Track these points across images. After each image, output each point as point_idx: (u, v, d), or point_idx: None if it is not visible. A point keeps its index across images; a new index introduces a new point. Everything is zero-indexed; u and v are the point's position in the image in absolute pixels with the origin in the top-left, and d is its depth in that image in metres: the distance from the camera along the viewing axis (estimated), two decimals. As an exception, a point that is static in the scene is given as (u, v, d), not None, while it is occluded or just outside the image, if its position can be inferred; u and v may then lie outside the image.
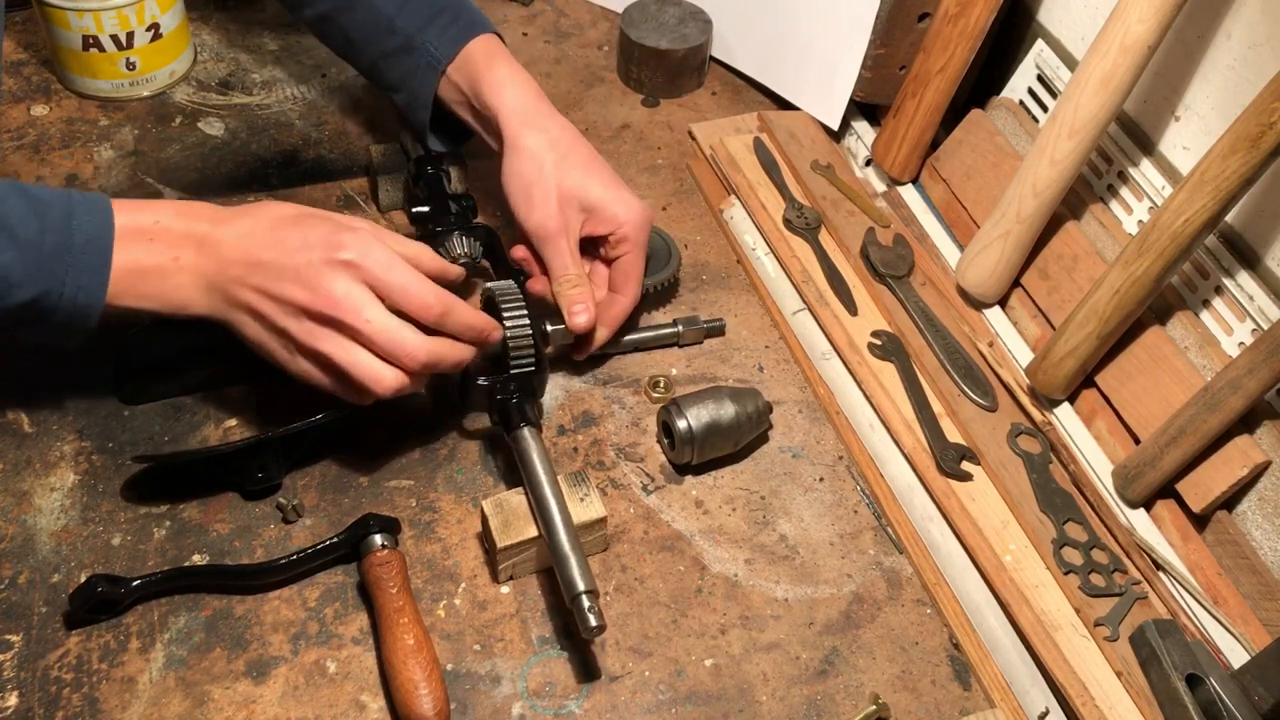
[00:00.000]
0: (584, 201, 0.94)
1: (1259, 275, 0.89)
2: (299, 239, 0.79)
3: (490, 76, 0.95)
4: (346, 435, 0.91)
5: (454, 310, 0.82)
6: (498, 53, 0.97)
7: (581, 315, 0.93)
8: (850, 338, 1.00)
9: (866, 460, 0.95)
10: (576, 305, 0.93)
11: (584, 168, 0.94)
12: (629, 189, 0.96)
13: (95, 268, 0.76)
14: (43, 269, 0.74)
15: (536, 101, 0.96)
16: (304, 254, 0.78)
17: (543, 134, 0.93)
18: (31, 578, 0.81)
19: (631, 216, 0.94)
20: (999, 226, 0.99)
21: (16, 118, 1.13)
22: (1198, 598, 0.85)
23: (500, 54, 0.97)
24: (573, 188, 0.93)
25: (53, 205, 0.75)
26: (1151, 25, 0.87)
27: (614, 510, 0.90)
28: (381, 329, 0.78)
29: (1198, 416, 0.84)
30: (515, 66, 0.97)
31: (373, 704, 0.78)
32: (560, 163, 0.93)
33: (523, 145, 0.93)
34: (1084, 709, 0.78)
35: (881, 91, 1.16)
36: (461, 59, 0.96)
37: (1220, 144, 0.81)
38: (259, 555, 0.84)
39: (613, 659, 0.82)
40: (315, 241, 0.78)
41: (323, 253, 0.78)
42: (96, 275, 0.76)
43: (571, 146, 0.94)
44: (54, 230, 0.74)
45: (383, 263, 0.79)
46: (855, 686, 0.82)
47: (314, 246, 0.78)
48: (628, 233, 0.94)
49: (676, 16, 1.25)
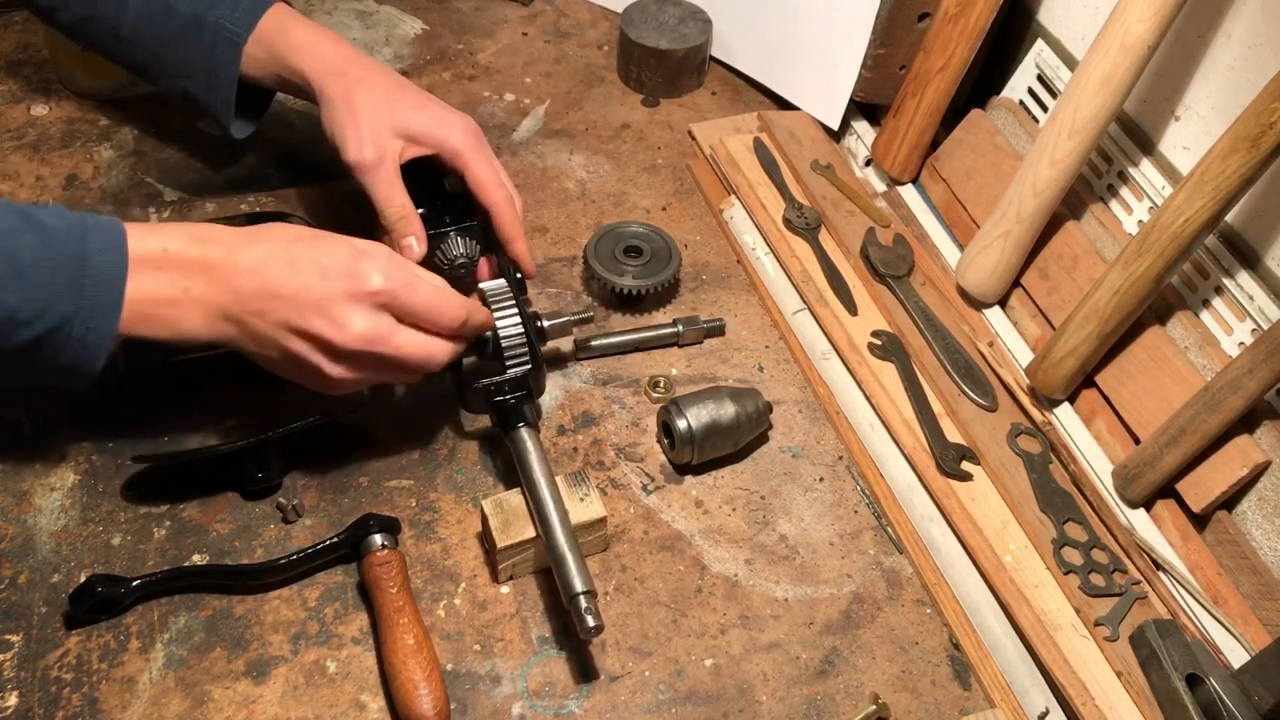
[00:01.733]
0: (397, 128, 0.92)
1: (1259, 275, 0.89)
2: (316, 269, 0.77)
3: (291, 42, 0.93)
4: (346, 435, 0.91)
5: (472, 315, 0.84)
6: (289, 18, 0.95)
7: (415, 244, 0.91)
8: (850, 338, 1.00)
9: (866, 460, 0.95)
10: (405, 239, 0.91)
11: (389, 96, 0.93)
12: (443, 105, 0.95)
13: (106, 310, 0.73)
14: (52, 308, 0.71)
15: (335, 51, 0.94)
16: (324, 285, 0.77)
17: (343, 78, 0.92)
18: (31, 578, 0.81)
19: (451, 129, 0.93)
20: (999, 226, 0.99)
21: (16, 118, 1.13)
22: (1198, 598, 0.85)
23: (292, 18, 0.95)
24: (383, 118, 0.92)
25: (66, 238, 0.72)
26: (1151, 25, 0.87)
27: (614, 510, 0.90)
28: (410, 351, 0.80)
29: (1198, 416, 0.84)
30: (310, 26, 0.95)
31: (373, 704, 0.78)
32: (365, 97, 0.92)
33: (327, 94, 0.92)
34: (1084, 709, 0.78)
35: (881, 91, 1.16)
36: (259, 30, 0.94)
37: (1220, 144, 0.81)
38: (259, 555, 0.84)
39: (613, 659, 0.82)
40: (334, 270, 0.77)
41: (344, 284, 0.77)
42: (108, 317, 0.73)
43: (374, 82, 0.93)
44: (65, 268, 0.71)
45: (406, 283, 0.79)
46: (855, 686, 0.82)
47: (333, 276, 0.77)
48: (456, 145, 0.93)
49: (676, 16, 1.25)
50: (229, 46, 0.94)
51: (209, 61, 0.94)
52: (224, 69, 0.94)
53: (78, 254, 0.72)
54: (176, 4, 0.93)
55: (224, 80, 0.95)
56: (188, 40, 0.94)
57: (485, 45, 1.29)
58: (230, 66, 0.94)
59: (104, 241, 0.73)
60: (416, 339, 0.80)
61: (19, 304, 0.70)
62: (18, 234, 0.71)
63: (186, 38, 0.94)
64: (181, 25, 0.93)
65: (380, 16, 1.30)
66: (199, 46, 0.94)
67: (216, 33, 0.93)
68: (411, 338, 0.80)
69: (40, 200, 1.05)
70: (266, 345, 0.78)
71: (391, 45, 1.27)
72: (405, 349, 0.80)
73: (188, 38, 0.94)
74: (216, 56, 0.94)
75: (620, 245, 1.04)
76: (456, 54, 1.28)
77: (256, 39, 0.94)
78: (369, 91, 0.92)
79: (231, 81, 0.95)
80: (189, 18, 0.93)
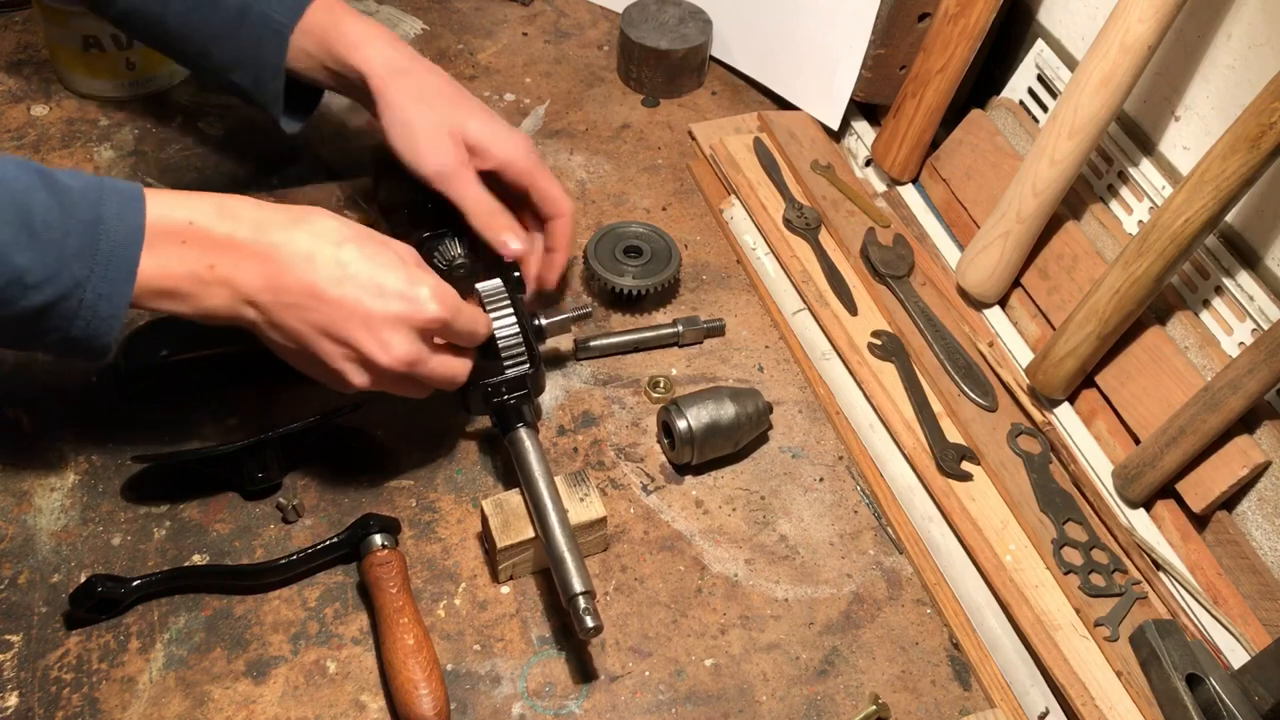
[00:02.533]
0: (466, 138, 0.92)
1: (1259, 275, 0.89)
2: (372, 284, 0.76)
3: (344, 35, 0.92)
4: (347, 435, 0.91)
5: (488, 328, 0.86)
6: (340, 8, 0.94)
7: (513, 240, 0.92)
8: (850, 338, 1.00)
9: (866, 460, 0.95)
10: (504, 234, 0.91)
11: (454, 103, 0.92)
12: (504, 121, 0.95)
13: (119, 279, 0.70)
14: (64, 272, 0.69)
15: (394, 49, 0.93)
16: (377, 304, 0.76)
17: (411, 78, 0.91)
18: (31, 578, 0.81)
19: (517, 146, 0.93)
20: (999, 226, 0.99)
21: (16, 118, 1.13)
22: (1198, 598, 0.85)
23: (341, 9, 0.94)
24: (452, 124, 0.91)
25: (81, 200, 0.70)
26: (1151, 25, 0.87)
27: (614, 510, 0.90)
28: (441, 373, 0.81)
29: (1198, 416, 0.84)
30: (364, 20, 0.94)
31: (373, 704, 0.78)
32: (433, 101, 0.91)
33: (395, 96, 0.91)
34: (1084, 709, 0.78)
35: (881, 91, 1.16)
36: (307, 22, 0.92)
37: (1220, 144, 0.81)
38: (259, 555, 0.84)
39: (613, 659, 0.82)
40: (391, 291, 0.76)
41: (399, 306, 0.76)
42: (120, 287, 0.70)
43: (439, 86, 0.93)
44: (79, 231, 0.69)
45: (456, 311, 0.80)
46: (855, 686, 0.82)
47: (389, 297, 0.76)
48: (521, 163, 0.93)
49: (676, 16, 1.25)
50: (274, 37, 0.92)
51: (255, 53, 0.93)
52: (270, 60, 0.93)
53: (92, 218, 0.70)
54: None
55: (270, 72, 0.93)
56: (234, 31, 0.92)
57: (485, 45, 1.29)
58: (276, 58, 0.93)
59: (121, 207, 0.71)
60: (448, 362, 0.82)
61: (29, 265, 0.67)
62: (33, 192, 0.68)
63: (233, 29, 0.92)
64: (227, 16, 0.92)
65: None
66: (245, 38, 0.92)
67: (263, 23, 0.92)
68: (444, 361, 0.81)
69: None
70: (292, 339, 0.77)
71: (391, 45, 1.27)
72: (438, 371, 0.81)
73: (234, 29, 0.92)
74: (262, 47, 0.93)
75: (620, 245, 1.04)
76: (456, 54, 1.28)
77: (303, 30, 0.92)
78: (436, 95, 0.92)
79: (277, 73, 0.93)
80: (234, 8, 0.91)
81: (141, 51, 1.13)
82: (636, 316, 1.04)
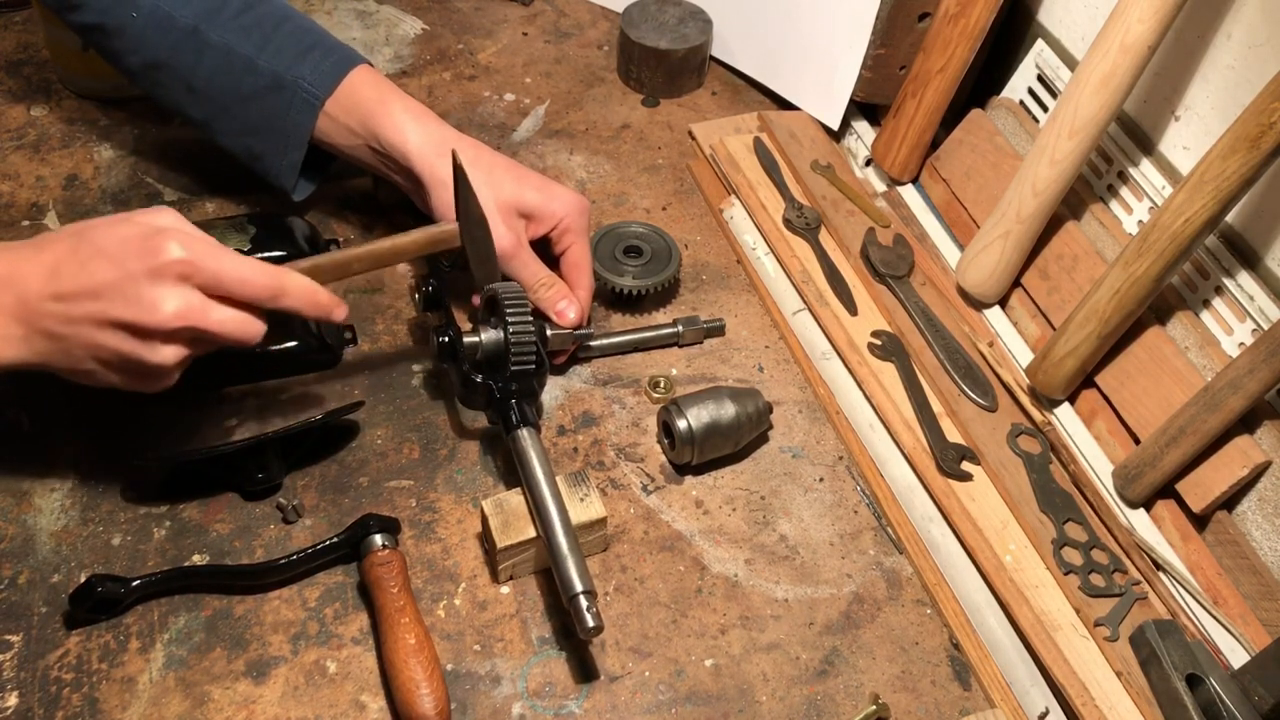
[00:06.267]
0: (522, 209, 0.95)
1: (1259, 275, 0.89)
2: (106, 255, 0.71)
3: (388, 117, 0.93)
4: (346, 435, 0.91)
5: (287, 290, 0.78)
6: (384, 87, 0.94)
7: (569, 309, 0.94)
8: (850, 338, 1.00)
9: (866, 460, 0.95)
10: (560, 303, 0.94)
11: (511, 178, 0.95)
12: (558, 183, 0.97)
13: None
14: None
15: (440, 130, 0.94)
16: (120, 268, 0.71)
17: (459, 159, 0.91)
18: (31, 578, 0.81)
19: (570, 208, 0.96)
20: (999, 226, 0.99)
21: (16, 118, 1.13)
22: (1198, 598, 0.85)
23: (387, 88, 0.94)
24: (509, 199, 0.94)
25: None
26: (1151, 25, 0.87)
27: (614, 510, 0.90)
28: (230, 325, 0.75)
29: (1198, 416, 0.84)
30: (407, 100, 0.94)
31: (373, 704, 0.78)
32: (488, 179, 0.93)
33: (440, 176, 0.92)
34: (1084, 709, 0.78)
35: (881, 91, 1.16)
36: (344, 96, 0.93)
37: (1220, 144, 0.81)
38: (259, 555, 0.84)
39: (613, 659, 0.82)
40: (127, 251, 0.71)
41: (140, 261, 0.71)
42: None
43: (491, 163, 0.95)
44: None
45: (207, 251, 0.73)
46: (855, 686, 0.82)
47: (128, 256, 0.71)
48: (569, 224, 0.96)
49: (676, 16, 1.25)
50: (305, 107, 0.93)
51: (283, 121, 0.94)
52: (297, 130, 0.94)
53: None
54: (259, 60, 0.92)
55: (295, 141, 0.95)
56: (264, 97, 0.93)
57: (485, 45, 1.29)
58: (304, 128, 0.94)
59: None
60: (232, 312, 0.75)
61: None
62: None
63: (264, 95, 0.93)
64: (261, 83, 0.93)
65: (380, 16, 1.30)
66: (275, 105, 0.93)
67: (295, 92, 0.93)
68: (227, 315, 0.75)
69: (41, 201, 1.05)
70: (78, 349, 0.73)
71: (391, 45, 1.27)
72: (226, 324, 0.75)
73: (265, 95, 0.93)
74: (292, 116, 0.94)
75: (620, 245, 1.04)
76: (456, 54, 1.28)
77: (335, 102, 0.93)
78: (487, 174, 0.93)
79: (302, 143, 0.95)
80: (270, 75, 0.92)
81: (141, 51, 1.13)
82: (636, 316, 1.04)
